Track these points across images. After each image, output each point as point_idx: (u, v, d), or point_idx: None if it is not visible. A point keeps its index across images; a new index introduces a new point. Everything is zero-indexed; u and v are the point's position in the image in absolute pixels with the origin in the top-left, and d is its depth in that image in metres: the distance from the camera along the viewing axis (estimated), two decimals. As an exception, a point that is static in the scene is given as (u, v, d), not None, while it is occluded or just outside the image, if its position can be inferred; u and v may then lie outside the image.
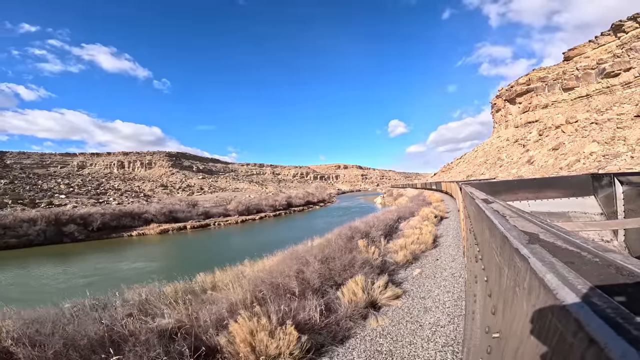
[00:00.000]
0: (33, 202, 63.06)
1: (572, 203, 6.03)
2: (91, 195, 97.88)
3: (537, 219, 1.69)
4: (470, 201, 3.51)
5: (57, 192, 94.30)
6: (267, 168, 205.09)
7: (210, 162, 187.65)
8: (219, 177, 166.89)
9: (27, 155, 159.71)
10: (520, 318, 0.93)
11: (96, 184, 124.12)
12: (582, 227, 3.63)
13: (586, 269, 0.86)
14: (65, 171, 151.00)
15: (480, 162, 70.77)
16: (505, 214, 1.93)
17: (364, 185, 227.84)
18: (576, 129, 45.85)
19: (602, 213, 5.69)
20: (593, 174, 6.08)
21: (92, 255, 24.30)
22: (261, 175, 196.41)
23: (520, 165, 46.65)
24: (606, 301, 0.63)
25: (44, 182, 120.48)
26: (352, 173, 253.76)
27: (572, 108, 64.60)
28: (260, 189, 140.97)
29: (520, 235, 1.27)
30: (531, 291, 0.87)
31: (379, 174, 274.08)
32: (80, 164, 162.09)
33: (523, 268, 0.96)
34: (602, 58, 68.29)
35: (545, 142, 50.03)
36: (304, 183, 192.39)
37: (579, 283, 0.74)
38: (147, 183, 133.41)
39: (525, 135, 61.79)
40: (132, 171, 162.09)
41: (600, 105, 57.90)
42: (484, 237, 2.10)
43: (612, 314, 0.57)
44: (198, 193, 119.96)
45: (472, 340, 2.13)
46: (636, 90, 58.13)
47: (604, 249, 1.01)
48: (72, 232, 28.77)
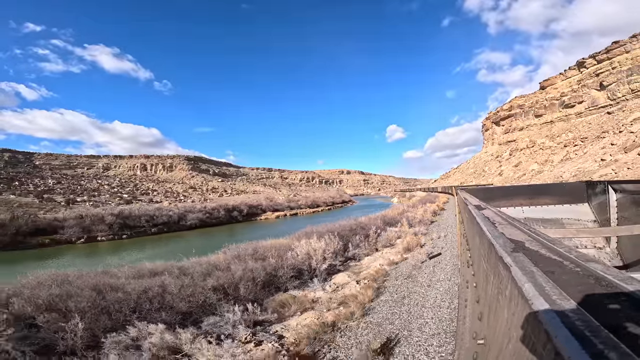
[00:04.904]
0: (71, 201, 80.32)
1: (566, 210, 6.16)
2: (137, 194, 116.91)
3: (526, 227, 1.75)
4: (464, 207, 3.64)
5: (104, 193, 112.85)
6: (275, 172, 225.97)
7: (224, 165, 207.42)
8: (234, 180, 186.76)
9: (55, 157, 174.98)
10: (502, 326, 0.99)
11: (132, 185, 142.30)
12: (574, 234, 3.88)
13: (566, 279, 0.90)
14: (92, 172, 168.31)
15: (470, 172, 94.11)
16: (495, 221, 2.01)
17: (366, 189, 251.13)
18: (530, 152, 69.57)
19: (595, 220, 5.83)
20: (587, 182, 6.28)
21: (254, 228, 45.70)
22: (270, 179, 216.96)
23: (495, 176, 69.65)
24: (578, 313, 0.66)
25: (86, 182, 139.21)
26: (354, 178, 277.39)
27: (539, 132, 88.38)
28: (275, 192, 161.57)
29: (506, 243, 1.33)
30: (511, 299, 0.90)
31: (380, 179, 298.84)
32: (105, 165, 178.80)
33: (506, 276, 1.00)
34: (564, 91, 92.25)
35: (512, 160, 73.65)
36: (311, 187, 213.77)
37: (554, 294, 0.76)
38: (177, 185, 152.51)
39: (501, 153, 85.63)
40: (154, 173, 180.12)
41: (556, 131, 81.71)
42: (474, 243, 2.24)
43: (581, 326, 0.60)
44: (226, 194, 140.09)
45: (462, 345, 2.21)
46: (586, 119, 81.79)
47: (586, 259, 1.06)
48: (236, 216, 50.55)
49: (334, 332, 5.53)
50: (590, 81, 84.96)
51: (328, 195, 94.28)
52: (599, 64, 79.79)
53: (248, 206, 55.67)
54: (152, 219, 41.28)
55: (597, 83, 77.76)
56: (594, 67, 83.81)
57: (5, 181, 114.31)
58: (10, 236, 30.39)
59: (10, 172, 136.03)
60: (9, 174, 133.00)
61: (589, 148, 53.15)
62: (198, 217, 46.55)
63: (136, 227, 39.05)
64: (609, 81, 73.50)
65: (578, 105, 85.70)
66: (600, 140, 52.02)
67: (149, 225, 40.38)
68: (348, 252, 11.68)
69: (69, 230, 33.64)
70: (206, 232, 42.06)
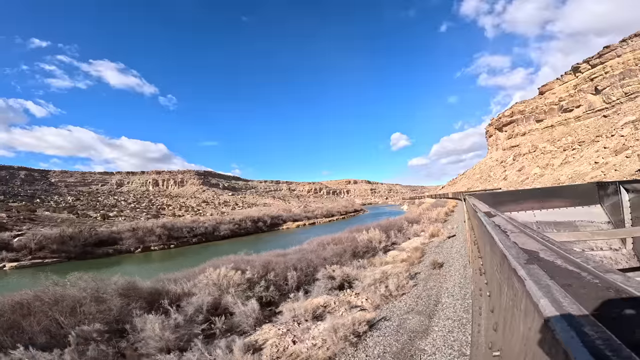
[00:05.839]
0: (105, 216, 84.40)
1: (579, 212, 6.16)
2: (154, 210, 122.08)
3: (540, 235, 1.73)
4: (474, 214, 3.60)
5: (123, 208, 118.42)
6: (283, 184, 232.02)
7: (233, 179, 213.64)
8: (244, 193, 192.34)
9: (70, 174, 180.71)
10: (518, 340, 0.96)
11: (147, 201, 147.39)
12: (589, 237, 3.82)
13: (584, 292, 0.87)
14: (107, 188, 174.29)
15: (477, 178, 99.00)
16: (507, 229, 1.99)
17: (374, 198, 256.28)
18: (532, 157, 74.51)
19: (609, 221, 5.81)
20: (598, 182, 6.28)
21: (280, 236, 50.92)
22: (278, 191, 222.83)
23: (500, 181, 74.57)
24: (598, 330, 0.64)
25: (103, 198, 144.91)
26: (361, 187, 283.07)
27: (541, 136, 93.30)
28: (285, 204, 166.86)
29: (519, 254, 1.30)
30: (527, 314, 0.88)
31: (387, 188, 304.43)
32: (119, 182, 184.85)
33: (520, 290, 0.98)
34: (562, 96, 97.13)
35: (515, 165, 78.66)
36: (320, 198, 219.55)
37: (573, 309, 0.74)
38: (190, 199, 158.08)
39: (505, 159, 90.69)
40: (165, 188, 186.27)
41: (557, 135, 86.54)
42: (485, 251, 2.21)
43: (602, 345, 0.58)
44: (238, 207, 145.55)
45: (478, 355, 2.21)
46: (584, 122, 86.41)
47: (604, 270, 1.03)
48: (261, 227, 55.98)
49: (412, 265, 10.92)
50: (585, 86, 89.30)
51: (341, 205, 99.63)
52: (593, 68, 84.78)
53: (270, 217, 61.13)
54: (192, 230, 46.74)
55: (592, 87, 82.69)
56: (589, 72, 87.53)
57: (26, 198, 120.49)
58: (80, 247, 35.87)
59: (28, 190, 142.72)
60: (27, 191, 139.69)
61: (585, 151, 58.05)
62: (229, 227, 51.98)
63: (180, 238, 44.48)
64: (603, 85, 78.40)
65: (576, 110, 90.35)
66: (595, 144, 56.93)
67: (190, 235, 45.80)
68: (390, 240, 16.93)
69: (127, 242, 39.12)
70: (239, 241, 47.34)
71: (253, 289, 9.17)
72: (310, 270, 10.79)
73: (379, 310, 6.99)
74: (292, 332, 6.58)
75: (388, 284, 7.85)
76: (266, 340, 6.43)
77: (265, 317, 7.96)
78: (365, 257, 13.24)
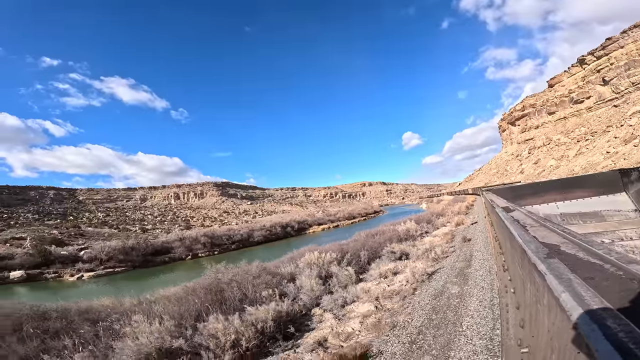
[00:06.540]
0: (144, 229, 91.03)
1: (603, 201, 6.01)
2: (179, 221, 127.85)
3: (560, 228, 1.69)
4: (492, 210, 3.57)
5: (151, 222, 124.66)
6: (299, 191, 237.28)
7: (250, 189, 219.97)
8: (263, 202, 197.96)
9: (96, 192, 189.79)
10: (543, 335, 0.97)
11: (171, 214, 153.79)
12: (616, 227, 3.82)
13: (606, 285, 0.87)
14: (131, 204, 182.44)
15: (493, 173, 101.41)
16: (526, 223, 1.96)
17: (390, 199, 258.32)
18: (547, 149, 76.95)
19: (636, 209, 5.69)
20: (621, 170, 6.14)
21: (309, 238, 55.31)
22: (295, 197, 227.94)
23: (517, 174, 77.21)
24: (621, 323, 0.63)
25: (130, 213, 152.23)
26: (377, 189, 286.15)
27: (554, 128, 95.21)
28: (303, 210, 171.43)
29: (539, 249, 1.28)
30: (550, 309, 0.89)
31: (403, 188, 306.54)
32: (142, 197, 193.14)
33: (541, 285, 0.99)
34: (572, 88, 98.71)
35: (531, 158, 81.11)
36: (336, 202, 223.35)
37: (595, 303, 0.73)
38: (211, 210, 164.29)
39: (521, 152, 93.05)
40: (187, 201, 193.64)
41: (570, 126, 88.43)
42: (506, 247, 2.19)
43: (625, 338, 0.58)
44: (258, 216, 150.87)
45: (508, 352, 2.18)
46: (596, 112, 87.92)
47: (628, 260, 1.02)
48: (289, 232, 60.70)
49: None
50: (593, 77, 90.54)
51: (361, 207, 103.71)
52: (598, 60, 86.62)
53: (297, 222, 65.83)
54: (230, 238, 51.69)
55: (600, 78, 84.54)
56: (594, 64, 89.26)
57: (59, 216, 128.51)
58: (141, 257, 41.12)
59: (59, 208, 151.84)
60: (57, 209, 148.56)
61: (597, 142, 60.53)
62: (262, 234, 56.78)
63: (221, 245, 49.45)
64: (610, 76, 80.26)
65: (587, 101, 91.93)
66: (606, 134, 59.42)
67: (229, 242, 50.74)
68: (423, 229, 21.09)
69: (177, 250, 44.25)
70: (272, 245, 51.99)
71: (340, 264, 13.54)
72: (373, 251, 15.11)
73: (436, 264, 11.23)
74: (383, 283, 10.90)
75: (436, 251, 12.08)
76: (369, 288, 10.76)
77: (355, 281, 12.30)
78: (408, 241, 17.48)
